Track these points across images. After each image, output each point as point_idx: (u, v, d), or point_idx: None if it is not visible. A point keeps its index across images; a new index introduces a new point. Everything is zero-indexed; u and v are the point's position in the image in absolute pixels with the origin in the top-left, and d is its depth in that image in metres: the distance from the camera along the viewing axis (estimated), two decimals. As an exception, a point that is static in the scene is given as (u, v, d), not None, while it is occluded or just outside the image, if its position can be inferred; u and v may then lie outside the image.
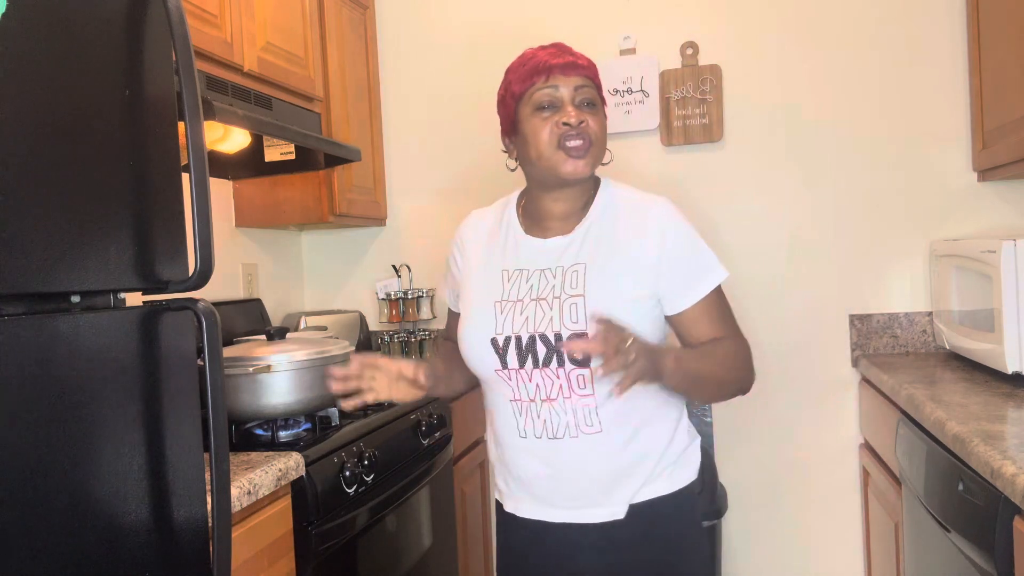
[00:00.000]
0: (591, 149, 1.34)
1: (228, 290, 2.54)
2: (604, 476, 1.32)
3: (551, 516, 1.36)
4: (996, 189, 2.53)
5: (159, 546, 1.11)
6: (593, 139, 1.34)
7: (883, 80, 2.59)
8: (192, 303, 1.16)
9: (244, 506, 1.41)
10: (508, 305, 1.35)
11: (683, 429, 1.41)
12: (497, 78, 1.45)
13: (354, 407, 1.39)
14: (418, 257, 2.95)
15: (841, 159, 2.63)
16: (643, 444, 1.34)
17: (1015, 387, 1.87)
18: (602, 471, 1.32)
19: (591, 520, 1.33)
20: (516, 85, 1.37)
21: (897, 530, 2.09)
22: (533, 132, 1.34)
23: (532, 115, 1.35)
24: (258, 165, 2.43)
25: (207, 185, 1.16)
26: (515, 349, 1.32)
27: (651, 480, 1.34)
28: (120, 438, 1.05)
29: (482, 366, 1.36)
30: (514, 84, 1.37)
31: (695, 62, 2.70)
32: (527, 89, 1.35)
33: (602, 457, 1.31)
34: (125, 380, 1.07)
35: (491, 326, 1.34)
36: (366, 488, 1.81)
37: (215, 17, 1.94)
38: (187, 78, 1.15)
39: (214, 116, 1.74)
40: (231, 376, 1.70)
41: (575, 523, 1.34)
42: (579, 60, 1.36)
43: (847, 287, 2.63)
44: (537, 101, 1.34)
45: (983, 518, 1.36)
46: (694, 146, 2.71)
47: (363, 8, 2.82)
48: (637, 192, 1.41)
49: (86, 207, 1.02)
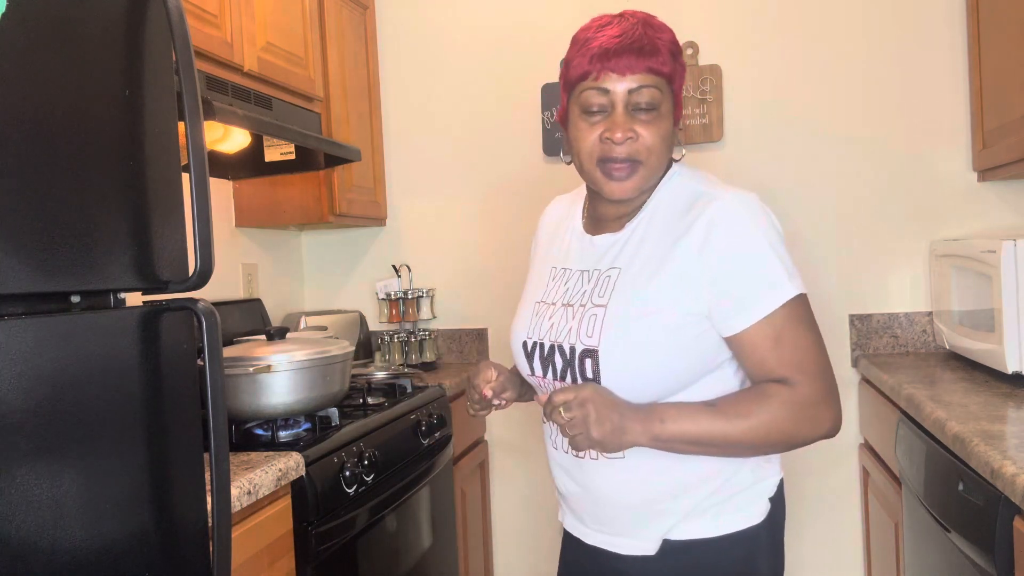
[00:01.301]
0: (638, 170, 1.14)
1: (228, 290, 2.54)
2: (633, 505, 1.17)
3: (586, 536, 1.25)
4: (996, 189, 2.53)
5: (159, 546, 1.11)
6: (643, 157, 1.13)
7: (883, 80, 2.59)
8: (192, 303, 1.16)
9: (244, 506, 1.41)
10: (543, 308, 1.24)
11: (746, 466, 1.17)
12: (497, 78, 1.45)
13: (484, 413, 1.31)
14: (418, 257, 2.95)
15: (841, 159, 2.62)
16: (680, 477, 1.14)
17: (1015, 387, 1.87)
18: (630, 500, 1.16)
19: (620, 551, 1.19)
20: (572, 70, 1.16)
21: (897, 530, 2.09)
22: (576, 138, 1.17)
23: (579, 117, 1.16)
24: (258, 165, 2.43)
25: (207, 185, 1.16)
26: (539, 356, 1.21)
27: (691, 517, 1.15)
28: (120, 438, 1.05)
29: (521, 369, 1.27)
30: (571, 68, 1.17)
31: (695, 62, 2.70)
32: (577, 84, 1.16)
33: (627, 485, 1.16)
34: (125, 380, 1.07)
35: (526, 328, 1.25)
36: (366, 488, 1.81)
37: (215, 17, 1.94)
38: (187, 78, 1.15)
39: (214, 116, 1.74)
40: (231, 376, 1.70)
41: (606, 550, 1.21)
42: (646, 46, 1.11)
43: (847, 287, 2.63)
44: (584, 103, 1.15)
45: (983, 518, 1.36)
46: (694, 146, 2.71)
47: (363, 8, 2.82)
48: (709, 185, 1.17)
49: (86, 207, 1.02)
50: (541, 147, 2.81)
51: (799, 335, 1.10)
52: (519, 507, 2.88)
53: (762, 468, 1.19)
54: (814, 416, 1.09)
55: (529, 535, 2.87)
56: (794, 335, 1.09)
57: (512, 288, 2.82)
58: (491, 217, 2.87)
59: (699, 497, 1.15)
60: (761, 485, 1.19)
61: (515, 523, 2.89)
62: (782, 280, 1.09)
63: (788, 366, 1.09)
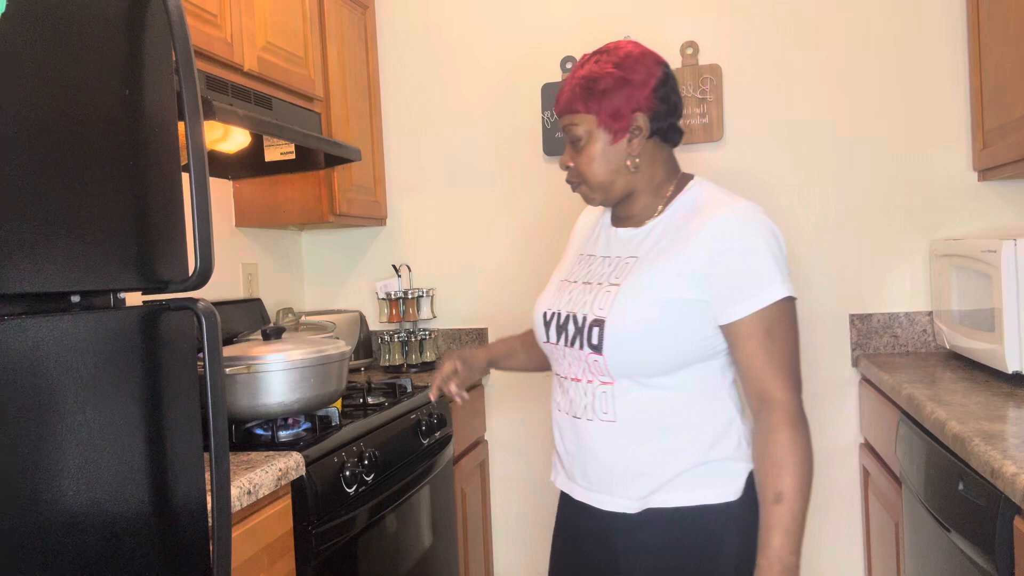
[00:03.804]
0: (582, 187, 1.37)
1: (228, 290, 2.54)
2: (618, 465, 1.30)
3: (574, 492, 1.38)
4: (996, 189, 2.53)
5: (159, 546, 1.11)
6: (579, 179, 1.36)
7: (883, 80, 2.59)
8: (192, 303, 1.16)
9: (244, 506, 1.41)
10: (566, 285, 1.40)
11: (725, 447, 1.29)
12: (497, 78, 1.47)
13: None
14: (418, 257, 2.95)
15: (841, 159, 2.63)
16: (664, 445, 1.28)
17: (1015, 387, 1.87)
18: (616, 460, 1.30)
19: (603, 507, 1.32)
20: None
21: (897, 530, 2.09)
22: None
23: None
24: (258, 165, 2.43)
25: (207, 185, 1.16)
26: (555, 324, 1.37)
27: (671, 485, 1.28)
28: (120, 438, 1.05)
29: (539, 336, 1.43)
30: None
31: (695, 62, 2.70)
32: None
33: (616, 447, 1.29)
34: (125, 380, 1.07)
35: (548, 301, 1.42)
36: (366, 488, 1.81)
37: (215, 17, 1.94)
38: (187, 78, 1.15)
39: (214, 116, 1.74)
40: (231, 376, 1.70)
41: (592, 506, 1.35)
42: (563, 93, 1.34)
43: (847, 287, 2.63)
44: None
45: (983, 518, 1.36)
46: (694, 146, 2.71)
47: (363, 8, 2.82)
48: (722, 195, 1.33)
49: (86, 207, 1.02)
50: (541, 147, 2.81)
51: (788, 333, 1.25)
52: (519, 507, 2.88)
53: (741, 449, 1.31)
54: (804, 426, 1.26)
55: (529, 535, 2.87)
56: (783, 332, 1.24)
57: (512, 287, 2.83)
58: (491, 217, 2.87)
59: (680, 467, 1.28)
60: (738, 465, 1.30)
61: (515, 523, 2.89)
62: (777, 280, 1.24)
63: (773, 362, 1.24)
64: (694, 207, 1.32)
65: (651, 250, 1.31)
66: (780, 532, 1.20)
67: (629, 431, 1.29)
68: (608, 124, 1.30)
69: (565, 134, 1.36)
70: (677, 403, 1.28)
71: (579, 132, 1.32)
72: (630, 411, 1.28)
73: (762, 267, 1.23)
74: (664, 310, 1.25)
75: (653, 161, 1.35)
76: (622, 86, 1.29)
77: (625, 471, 1.30)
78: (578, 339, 1.31)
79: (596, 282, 1.34)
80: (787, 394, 1.24)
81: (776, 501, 1.21)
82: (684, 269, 1.25)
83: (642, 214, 1.37)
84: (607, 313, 1.27)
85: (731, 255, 1.24)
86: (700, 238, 1.25)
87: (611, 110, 1.29)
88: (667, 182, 1.37)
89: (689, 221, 1.29)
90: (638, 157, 1.33)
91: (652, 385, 1.27)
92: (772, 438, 1.23)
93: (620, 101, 1.29)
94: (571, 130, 1.33)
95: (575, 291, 1.36)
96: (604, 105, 1.29)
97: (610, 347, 1.26)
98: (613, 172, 1.33)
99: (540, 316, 1.41)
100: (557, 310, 1.37)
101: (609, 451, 1.30)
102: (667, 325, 1.25)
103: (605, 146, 1.32)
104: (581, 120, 1.32)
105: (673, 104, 1.33)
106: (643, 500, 1.29)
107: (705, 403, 1.29)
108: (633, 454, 1.29)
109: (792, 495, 1.20)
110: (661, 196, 1.36)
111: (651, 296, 1.26)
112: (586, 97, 1.30)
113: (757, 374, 1.24)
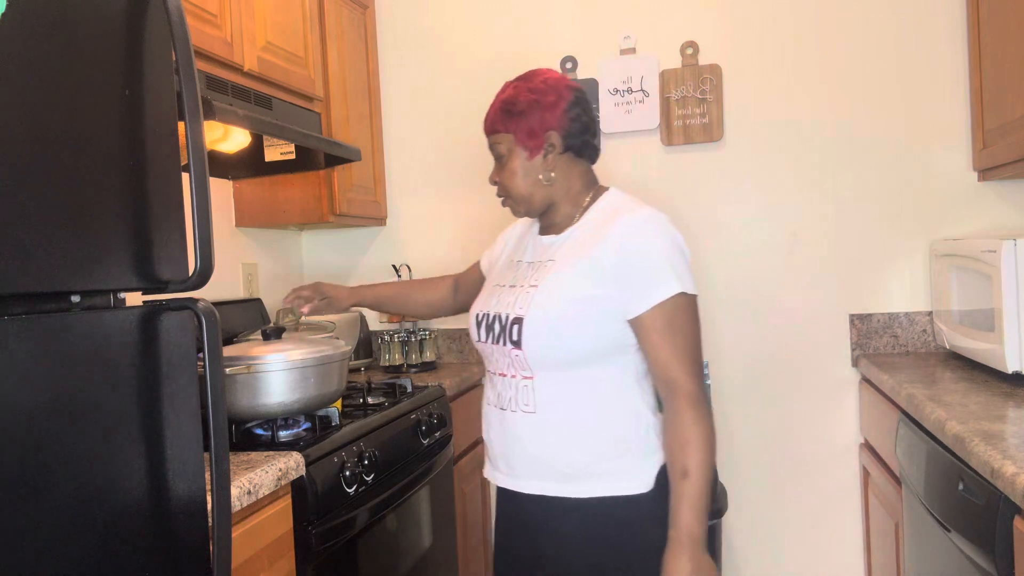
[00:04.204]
0: (509, 202, 1.52)
1: (228, 290, 2.54)
2: (538, 455, 1.42)
3: (499, 480, 1.51)
4: (996, 189, 2.53)
5: (159, 546, 1.11)
6: (506, 193, 1.50)
7: (883, 80, 2.59)
8: (192, 303, 1.16)
9: (244, 506, 1.41)
10: (497, 289, 1.53)
11: (636, 439, 1.41)
12: (497, 77, 1.48)
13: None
14: (418, 257, 2.95)
15: (841, 159, 2.63)
16: (580, 436, 1.40)
17: (1015, 387, 1.87)
18: (537, 450, 1.42)
19: (524, 491, 1.45)
20: None
21: (897, 530, 2.09)
22: None
23: None
24: (258, 165, 2.43)
25: (207, 185, 1.16)
26: (484, 324, 1.49)
27: (587, 478, 1.40)
28: (120, 438, 1.05)
29: (472, 336, 1.55)
30: None
31: (695, 62, 2.70)
32: None
33: (536, 437, 1.42)
34: (125, 380, 1.07)
35: (480, 304, 1.54)
36: (366, 488, 1.81)
37: (215, 17, 1.94)
38: (187, 78, 1.15)
39: (214, 116, 1.74)
40: (231, 376, 1.70)
41: (516, 492, 1.47)
42: (488, 115, 1.50)
43: (847, 287, 2.63)
44: None
45: (983, 518, 1.36)
46: (694, 146, 2.71)
47: (363, 8, 2.82)
48: (631, 203, 1.46)
49: (86, 207, 1.02)
50: (541, 147, 2.82)
51: (687, 325, 1.38)
52: (519, 507, 2.88)
53: (652, 442, 1.42)
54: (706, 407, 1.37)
55: (529, 535, 2.87)
56: (683, 324, 1.37)
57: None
58: (491, 217, 2.86)
59: (594, 456, 1.40)
60: (650, 458, 1.42)
61: (515, 523, 2.88)
62: (671, 278, 1.36)
63: (676, 351, 1.36)
64: (606, 214, 1.45)
65: (567, 254, 1.44)
66: (688, 505, 1.32)
67: (547, 421, 1.41)
68: (525, 142, 1.45)
69: (491, 152, 1.50)
70: (592, 396, 1.40)
71: (501, 150, 1.48)
72: (548, 403, 1.41)
73: (660, 266, 1.37)
74: (576, 306, 1.38)
75: (569, 174, 1.49)
76: (535, 108, 1.44)
77: (545, 459, 1.42)
78: (502, 336, 1.44)
79: (519, 284, 1.47)
80: (689, 379, 1.36)
81: (683, 476, 1.33)
82: (594, 268, 1.39)
83: (563, 223, 1.50)
84: (525, 311, 1.40)
85: (634, 255, 1.37)
86: (608, 240, 1.39)
87: (527, 129, 1.45)
88: (583, 193, 1.51)
89: (601, 226, 1.43)
90: (553, 171, 1.47)
91: (569, 378, 1.40)
92: (677, 420, 1.35)
93: (534, 121, 1.44)
94: (495, 148, 1.49)
95: (503, 294, 1.49)
96: (520, 125, 1.45)
97: (528, 342, 1.39)
98: (532, 185, 1.47)
99: (473, 318, 1.54)
100: (487, 311, 1.50)
101: (530, 440, 1.42)
102: (579, 320, 1.37)
103: (523, 162, 1.47)
104: (502, 139, 1.47)
105: (584, 123, 1.47)
106: (560, 486, 1.41)
107: (618, 396, 1.42)
108: (551, 443, 1.41)
109: (697, 470, 1.32)
110: (578, 206, 1.50)
111: (564, 294, 1.39)
112: (505, 119, 1.46)
113: (662, 362, 1.37)
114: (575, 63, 2.80)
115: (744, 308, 2.70)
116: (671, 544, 1.32)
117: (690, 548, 1.31)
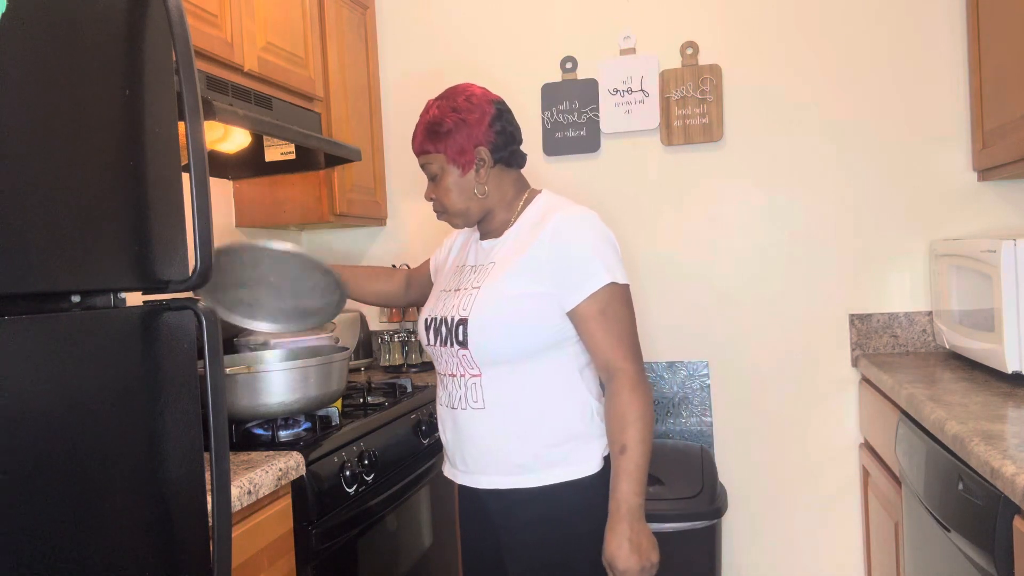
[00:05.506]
0: (445, 215, 1.57)
1: (228, 290, 2.54)
2: (490, 450, 1.48)
3: (456, 477, 1.57)
4: (996, 189, 2.53)
5: (159, 546, 1.11)
6: (443, 208, 1.56)
7: (883, 79, 2.59)
8: (192, 303, 1.16)
9: (244, 505, 1.41)
10: (444, 294, 1.58)
11: (581, 426, 1.48)
12: (497, 78, 1.48)
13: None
14: (418, 257, 2.95)
15: (841, 159, 2.63)
16: (527, 427, 1.46)
17: (1015, 387, 1.87)
18: (488, 445, 1.48)
19: (479, 486, 1.51)
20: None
21: (897, 530, 2.09)
22: None
23: None
24: (258, 165, 2.43)
25: (207, 185, 1.16)
26: (433, 329, 1.55)
27: (536, 467, 1.46)
28: (120, 437, 1.05)
29: (422, 341, 1.60)
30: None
31: (695, 62, 2.70)
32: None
33: (486, 432, 1.48)
34: (125, 380, 1.07)
35: (428, 309, 1.59)
36: (366, 488, 1.81)
37: (215, 17, 1.94)
38: (187, 78, 1.15)
39: (214, 116, 1.74)
40: (231, 376, 1.70)
41: (471, 487, 1.53)
42: (416, 136, 1.54)
43: (847, 287, 2.63)
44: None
45: (983, 518, 1.36)
46: (694, 146, 2.71)
47: (363, 8, 2.82)
48: (562, 203, 1.53)
49: (86, 207, 1.02)
50: (541, 147, 2.82)
51: (621, 313, 1.45)
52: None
53: (596, 427, 1.49)
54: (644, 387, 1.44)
55: (529, 535, 2.87)
56: (616, 312, 1.44)
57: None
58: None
59: (542, 446, 1.46)
60: (597, 442, 1.49)
61: (515, 523, 2.88)
62: (601, 270, 1.43)
63: (612, 337, 1.43)
64: (539, 215, 1.52)
65: (506, 255, 1.51)
66: (626, 478, 1.40)
67: (496, 416, 1.47)
68: (456, 159, 1.51)
69: (424, 171, 1.56)
70: (537, 389, 1.47)
71: (434, 169, 1.54)
72: (496, 398, 1.47)
73: (590, 259, 1.43)
74: (517, 304, 1.44)
75: (501, 184, 1.55)
76: (462, 127, 1.50)
77: (496, 452, 1.48)
78: (449, 338, 1.50)
79: (463, 288, 1.53)
80: (627, 363, 1.44)
81: (621, 452, 1.41)
82: (531, 266, 1.46)
83: (500, 227, 1.57)
84: (469, 312, 1.47)
85: (565, 250, 1.44)
86: (541, 239, 1.46)
87: (456, 148, 1.50)
88: (517, 198, 1.57)
89: (535, 227, 1.50)
90: (486, 184, 1.53)
91: (514, 373, 1.46)
92: (616, 399, 1.43)
93: (463, 139, 1.50)
94: (427, 168, 1.54)
95: (448, 298, 1.55)
96: (450, 144, 1.51)
97: (473, 341, 1.45)
98: (467, 199, 1.54)
99: (422, 323, 1.59)
100: (435, 316, 1.55)
101: (480, 436, 1.49)
102: (520, 316, 1.44)
103: (457, 178, 1.53)
104: (433, 159, 1.53)
105: (510, 134, 1.54)
106: (514, 479, 1.47)
107: (562, 387, 1.48)
108: (500, 437, 1.47)
109: (634, 445, 1.40)
110: (513, 210, 1.57)
111: (504, 293, 1.46)
112: (434, 139, 1.51)
113: (600, 349, 1.44)
114: (575, 63, 2.80)
115: (744, 308, 2.70)
116: (611, 514, 1.40)
117: (628, 517, 1.38)
